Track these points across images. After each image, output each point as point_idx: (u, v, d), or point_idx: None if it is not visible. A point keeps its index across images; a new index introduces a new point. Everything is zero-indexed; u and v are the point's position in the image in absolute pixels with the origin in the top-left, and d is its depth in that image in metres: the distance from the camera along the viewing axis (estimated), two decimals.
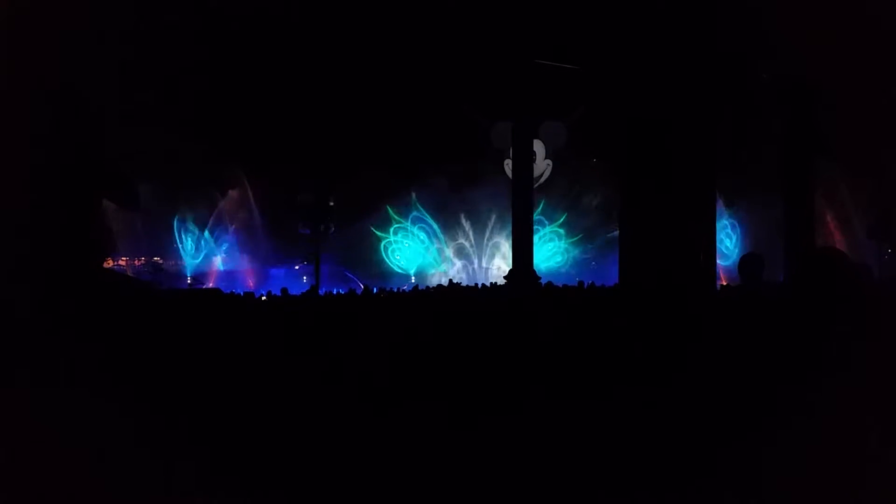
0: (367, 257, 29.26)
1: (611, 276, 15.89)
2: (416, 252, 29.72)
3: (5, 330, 2.84)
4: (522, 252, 17.58)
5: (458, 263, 29.70)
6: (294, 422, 3.72)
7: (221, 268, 28.65)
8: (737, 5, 7.91)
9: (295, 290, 16.90)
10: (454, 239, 29.73)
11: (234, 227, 28.75)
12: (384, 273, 28.82)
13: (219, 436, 3.03)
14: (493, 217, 28.67)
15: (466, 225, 29.50)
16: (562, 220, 29.48)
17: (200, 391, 3.05)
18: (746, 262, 5.14)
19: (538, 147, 26.53)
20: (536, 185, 25.77)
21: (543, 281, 18.30)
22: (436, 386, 4.78)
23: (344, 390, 4.61)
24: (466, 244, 29.75)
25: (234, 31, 20.87)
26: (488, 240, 29.49)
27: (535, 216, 21.83)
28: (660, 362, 4.27)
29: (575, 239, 29.66)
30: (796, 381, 2.87)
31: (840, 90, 16.70)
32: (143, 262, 27.17)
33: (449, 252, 29.76)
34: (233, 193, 28.70)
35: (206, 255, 28.96)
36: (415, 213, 29.55)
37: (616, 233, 12.92)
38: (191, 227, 28.70)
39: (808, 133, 16.96)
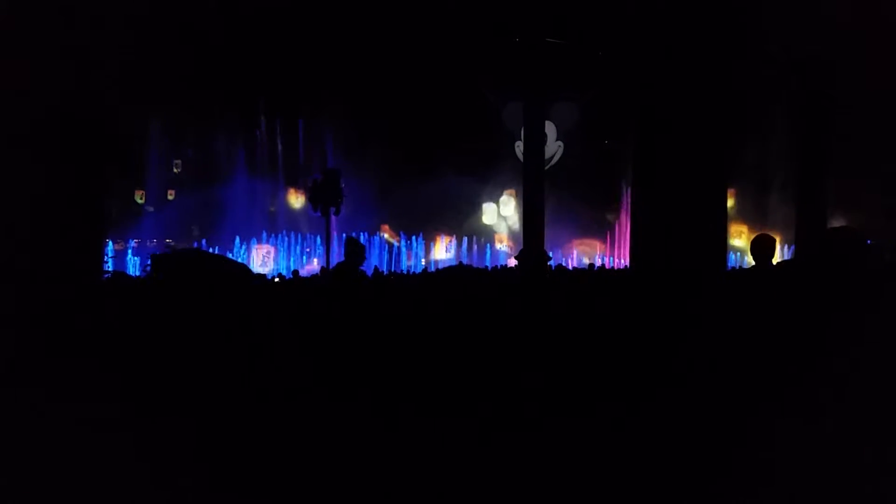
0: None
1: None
2: None
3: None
4: (534, 232, 17.49)
5: None
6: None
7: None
8: None
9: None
10: None
11: None
12: None
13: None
14: None
15: None
16: None
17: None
18: (758, 244, 5.09)
19: (549, 128, 26.29)
20: (547, 167, 25.64)
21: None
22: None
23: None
24: None
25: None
26: None
27: None
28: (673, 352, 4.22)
29: None
30: (806, 360, 2.84)
31: (856, 65, 16.41)
32: (154, 243, 27.42)
33: None
34: None
35: None
36: None
37: None
38: None
39: (822, 109, 16.69)
